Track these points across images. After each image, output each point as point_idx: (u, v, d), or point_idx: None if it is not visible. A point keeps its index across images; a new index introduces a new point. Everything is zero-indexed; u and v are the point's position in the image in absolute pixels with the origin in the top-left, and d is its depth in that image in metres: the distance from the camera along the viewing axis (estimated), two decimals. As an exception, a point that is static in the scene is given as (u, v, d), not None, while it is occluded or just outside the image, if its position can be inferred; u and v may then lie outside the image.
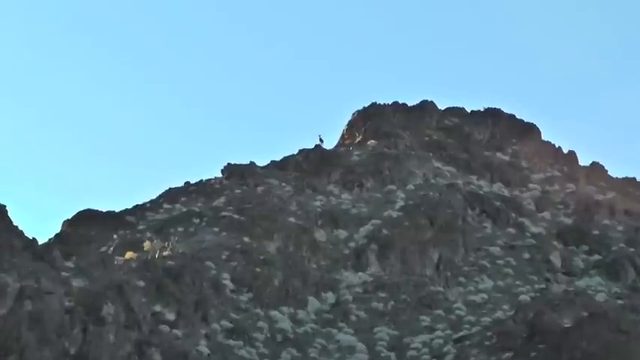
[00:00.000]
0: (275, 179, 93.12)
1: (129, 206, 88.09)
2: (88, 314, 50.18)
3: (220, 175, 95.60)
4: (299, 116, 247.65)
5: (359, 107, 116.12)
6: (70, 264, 61.04)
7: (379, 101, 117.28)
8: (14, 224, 54.94)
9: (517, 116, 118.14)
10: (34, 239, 56.99)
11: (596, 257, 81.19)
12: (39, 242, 58.54)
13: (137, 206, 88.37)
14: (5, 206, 55.44)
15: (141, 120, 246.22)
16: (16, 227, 55.04)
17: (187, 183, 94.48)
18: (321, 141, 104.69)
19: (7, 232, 53.33)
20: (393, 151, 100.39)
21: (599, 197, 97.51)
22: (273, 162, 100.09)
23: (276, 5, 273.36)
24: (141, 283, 59.33)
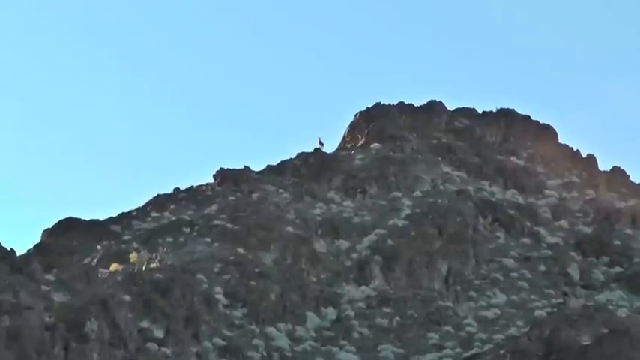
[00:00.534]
0: (271, 185, 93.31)
1: (114, 214, 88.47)
2: (70, 331, 50.27)
3: (212, 181, 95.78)
4: (297, 118, 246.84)
5: (361, 108, 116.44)
6: (51, 277, 61.29)
7: (383, 101, 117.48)
8: (-10, 234, 55.18)
9: (532, 117, 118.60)
10: (12, 250, 57.19)
11: (617, 269, 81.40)
12: (17, 253, 58.64)
13: (123, 214, 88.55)
14: (-20, 215, 55.61)
15: (126, 121, 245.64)
16: (-7, 238, 55.26)
17: (177, 189, 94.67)
18: (321, 144, 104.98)
19: (-17, 243, 53.58)
20: (399, 155, 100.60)
21: (620, 205, 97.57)
22: (269, 167, 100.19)
23: (274, 3, 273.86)
24: (127, 298, 59.37)
